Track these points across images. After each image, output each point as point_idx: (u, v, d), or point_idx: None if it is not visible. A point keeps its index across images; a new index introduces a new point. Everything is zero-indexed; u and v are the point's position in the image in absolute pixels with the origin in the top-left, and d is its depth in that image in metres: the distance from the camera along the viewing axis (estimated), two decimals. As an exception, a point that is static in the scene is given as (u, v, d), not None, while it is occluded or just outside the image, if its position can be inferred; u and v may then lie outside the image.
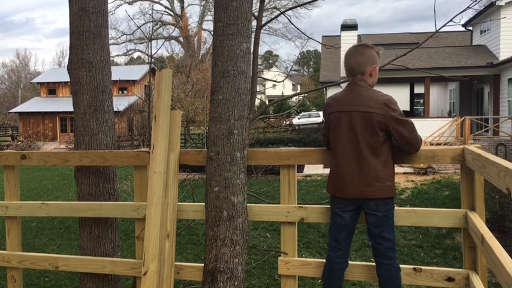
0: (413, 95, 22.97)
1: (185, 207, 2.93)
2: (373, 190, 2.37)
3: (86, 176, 3.23)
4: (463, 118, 16.74)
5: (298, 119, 32.78)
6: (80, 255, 3.24)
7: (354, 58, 2.53)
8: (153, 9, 43.72)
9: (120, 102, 27.48)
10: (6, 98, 51.07)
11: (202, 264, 2.80)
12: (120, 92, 32.50)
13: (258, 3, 4.02)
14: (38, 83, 36.26)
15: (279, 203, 2.79)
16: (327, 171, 3.00)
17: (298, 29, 5.48)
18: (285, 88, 58.92)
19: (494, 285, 5.26)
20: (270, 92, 55.52)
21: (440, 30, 4.17)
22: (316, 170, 15.11)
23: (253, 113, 3.46)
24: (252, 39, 3.05)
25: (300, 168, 14.65)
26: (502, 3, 17.45)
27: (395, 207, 2.51)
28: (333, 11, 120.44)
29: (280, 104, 33.18)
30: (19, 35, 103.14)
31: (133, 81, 32.63)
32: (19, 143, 23.77)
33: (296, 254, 2.76)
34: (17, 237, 3.31)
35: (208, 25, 43.24)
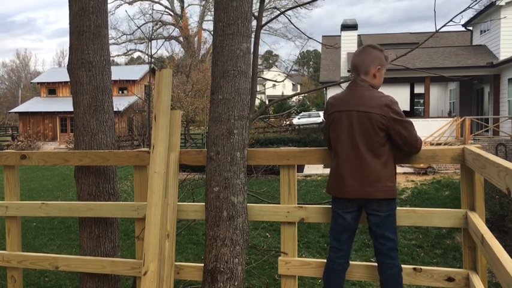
0: (413, 95, 22.97)
1: (185, 207, 2.93)
2: (374, 191, 2.36)
3: (86, 176, 3.23)
4: (463, 118, 16.74)
5: (298, 119, 32.77)
6: (80, 255, 3.24)
7: (360, 57, 2.54)
8: (153, 9, 43.75)
9: (120, 102, 27.48)
10: (6, 98, 51.05)
11: (202, 264, 2.80)
12: (120, 92, 32.49)
13: (258, 3, 4.02)
14: (38, 83, 36.25)
15: (279, 203, 2.79)
16: (327, 171, 3.01)
17: (298, 29, 5.48)
18: (285, 88, 58.91)
19: (494, 285, 5.25)
20: (270, 92, 55.50)
21: (441, 30, 4.18)
22: (316, 170, 15.10)
23: (253, 113, 3.46)
24: (252, 39, 3.05)
25: (300, 168, 14.65)
26: (502, 3, 17.44)
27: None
28: (333, 11, 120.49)
29: (280, 104, 33.16)
30: (21, 35, 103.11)
31: (133, 81, 32.62)
32: (19, 143, 23.76)
33: (296, 254, 2.76)
34: (17, 237, 3.31)
35: (209, 25, 43.29)
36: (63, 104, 30.52)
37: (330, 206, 2.59)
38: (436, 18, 4.20)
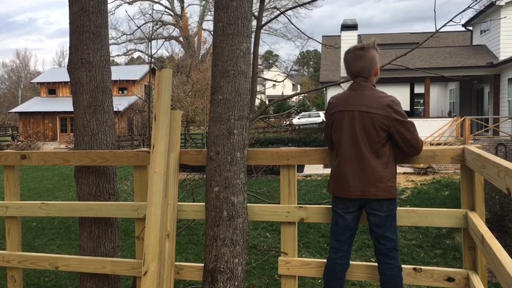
0: (413, 95, 22.97)
1: (185, 207, 2.93)
2: (376, 190, 2.36)
3: (86, 176, 3.23)
4: (463, 118, 16.75)
5: (298, 119, 32.76)
6: (80, 255, 3.24)
7: (356, 64, 2.49)
8: (153, 9, 43.78)
9: (120, 102, 27.49)
10: (6, 98, 51.10)
11: (202, 264, 2.80)
12: (120, 92, 32.50)
13: (258, 3, 4.02)
14: (38, 83, 36.28)
15: (279, 203, 2.79)
16: (327, 171, 3.01)
17: (298, 29, 5.48)
18: (285, 88, 58.91)
19: (494, 285, 5.25)
20: (270, 92, 55.51)
21: (441, 31, 4.18)
22: (316, 170, 15.10)
23: (253, 113, 3.46)
24: (252, 39, 3.05)
25: (300, 168, 14.64)
26: (502, 3, 17.45)
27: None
28: (333, 11, 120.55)
29: (280, 104, 33.18)
30: (21, 35, 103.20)
31: (133, 81, 32.63)
32: (19, 143, 23.76)
33: (296, 254, 2.76)
34: (17, 237, 3.31)
35: (209, 25, 43.32)
36: (63, 104, 30.54)
37: (330, 206, 2.59)
38: (436, 19, 4.20)
